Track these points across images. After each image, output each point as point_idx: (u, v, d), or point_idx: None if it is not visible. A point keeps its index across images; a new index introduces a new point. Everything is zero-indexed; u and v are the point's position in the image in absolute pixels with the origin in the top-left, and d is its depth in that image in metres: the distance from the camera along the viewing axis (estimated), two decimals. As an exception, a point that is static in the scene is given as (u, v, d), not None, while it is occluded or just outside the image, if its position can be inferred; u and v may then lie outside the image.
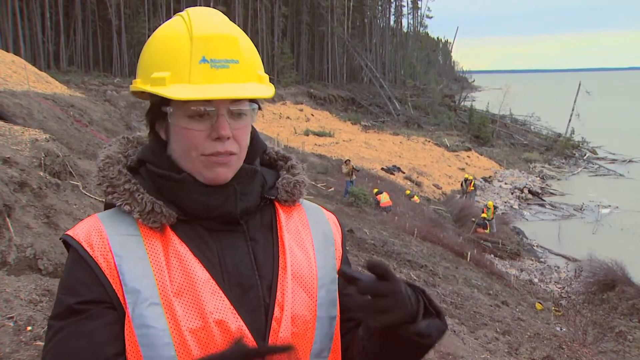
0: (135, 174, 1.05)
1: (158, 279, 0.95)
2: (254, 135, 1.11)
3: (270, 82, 1.05)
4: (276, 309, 0.99)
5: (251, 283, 1.00)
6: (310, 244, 1.10)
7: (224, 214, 1.01)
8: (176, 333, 0.92)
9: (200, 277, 0.96)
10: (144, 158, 1.05)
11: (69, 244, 0.99)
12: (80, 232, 0.99)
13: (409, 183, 26.17)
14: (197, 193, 1.00)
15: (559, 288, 13.98)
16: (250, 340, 0.95)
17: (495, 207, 20.03)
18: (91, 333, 0.92)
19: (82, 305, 0.93)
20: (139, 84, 1.01)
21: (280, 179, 1.13)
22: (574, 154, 40.30)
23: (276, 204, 1.11)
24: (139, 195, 1.00)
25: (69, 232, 1.01)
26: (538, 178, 31.84)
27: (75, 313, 0.93)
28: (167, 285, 0.94)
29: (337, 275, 1.10)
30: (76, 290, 0.94)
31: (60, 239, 1.03)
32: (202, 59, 0.94)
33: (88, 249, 0.96)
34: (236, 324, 0.95)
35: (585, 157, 39.28)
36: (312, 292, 1.04)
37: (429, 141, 37.80)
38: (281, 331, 0.98)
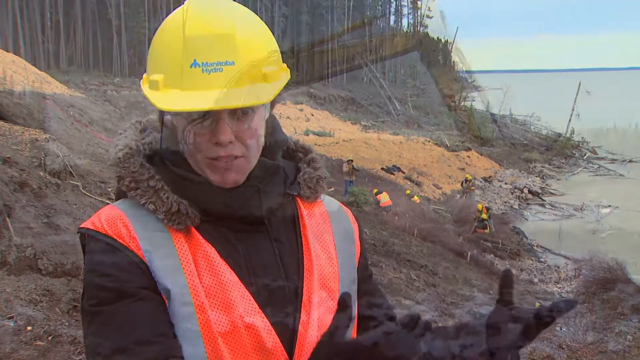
0: (151, 164, 0.98)
1: (189, 279, 0.90)
2: (276, 128, 1.05)
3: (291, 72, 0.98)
4: (303, 313, 0.97)
5: (278, 286, 0.97)
6: (332, 243, 1.06)
7: (248, 214, 0.97)
8: (208, 335, 0.89)
9: (229, 279, 0.92)
10: (161, 154, 1.00)
11: (91, 236, 0.92)
12: (104, 222, 0.92)
13: (409, 183, 26.15)
14: (218, 194, 0.95)
15: (559, 288, 13.97)
16: (277, 344, 0.93)
17: (487, 209, 19.79)
18: (151, 312, 0.88)
19: (132, 289, 0.88)
20: (142, 82, 0.96)
21: (301, 173, 1.07)
22: (574, 154, 40.28)
23: (297, 199, 1.06)
24: (164, 194, 0.94)
25: (88, 225, 0.94)
26: (538, 178, 31.81)
27: (127, 296, 0.88)
28: (198, 286, 0.90)
29: (356, 275, 1.08)
30: (118, 276, 0.88)
31: (77, 232, 0.95)
32: (193, 63, 0.88)
33: (118, 239, 0.90)
34: (265, 327, 0.92)
35: (585, 157, 39.25)
36: (334, 294, 1.02)
37: (429, 141, 37.73)
38: (308, 336, 0.96)
